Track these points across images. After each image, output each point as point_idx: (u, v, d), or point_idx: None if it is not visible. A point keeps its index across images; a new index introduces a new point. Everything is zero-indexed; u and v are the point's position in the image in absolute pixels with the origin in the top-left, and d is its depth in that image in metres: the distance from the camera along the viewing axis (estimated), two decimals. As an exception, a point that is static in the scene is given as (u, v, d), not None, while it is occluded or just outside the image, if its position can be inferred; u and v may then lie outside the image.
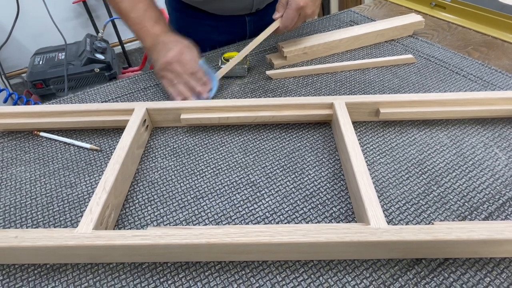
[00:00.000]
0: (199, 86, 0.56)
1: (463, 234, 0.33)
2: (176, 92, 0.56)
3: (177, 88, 0.56)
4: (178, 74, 0.56)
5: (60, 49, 1.53)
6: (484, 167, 0.45)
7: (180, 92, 0.56)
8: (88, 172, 0.47)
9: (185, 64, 0.56)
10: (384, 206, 0.41)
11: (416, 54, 0.68)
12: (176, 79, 0.56)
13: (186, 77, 0.56)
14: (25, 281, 0.36)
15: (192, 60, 0.57)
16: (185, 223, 0.40)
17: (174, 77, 0.56)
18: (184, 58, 0.56)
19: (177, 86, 0.56)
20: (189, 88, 0.56)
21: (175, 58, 0.55)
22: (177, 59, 0.55)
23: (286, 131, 0.52)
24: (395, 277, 0.34)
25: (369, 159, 0.47)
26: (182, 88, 0.56)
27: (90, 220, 0.36)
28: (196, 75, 0.56)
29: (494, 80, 0.59)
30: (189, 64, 0.56)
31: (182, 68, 0.56)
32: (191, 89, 0.56)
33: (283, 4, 0.58)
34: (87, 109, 0.52)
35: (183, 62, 0.56)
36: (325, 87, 0.61)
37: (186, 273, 0.36)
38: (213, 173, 0.46)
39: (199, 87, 0.56)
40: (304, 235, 0.33)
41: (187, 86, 0.56)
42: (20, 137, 0.54)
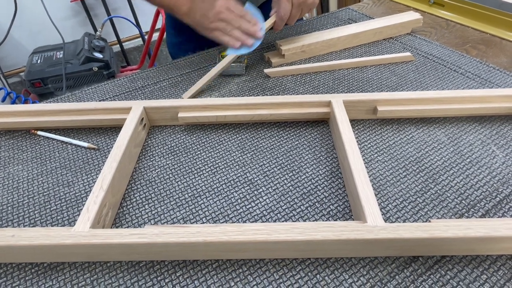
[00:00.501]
0: (251, 27, 0.58)
1: (459, 231, 0.33)
2: (233, 39, 0.57)
3: (233, 35, 0.57)
4: (230, 20, 0.57)
5: (58, 48, 1.53)
6: (481, 165, 0.45)
7: (237, 38, 0.57)
8: (86, 171, 0.47)
9: (234, 10, 0.57)
10: (382, 204, 0.41)
11: (414, 52, 0.68)
12: (229, 26, 0.57)
13: (238, 21, 0.57)
14: (22, 280, 0.36)
15: (238, 5, 0.58)
16: (182, 221, 0.40)
17: (227, 24, 0.57)
18: (231, 4, 0.57)
19: (232, 33, 0.57)
20: (243, 31, 0.58)
21: (223, 6, 0.56)
22: (226, 7, 0.57)
23: (284, 129, 0.52)
24: (392, 274, 0.34)
25: (366, 157, 0.47)
26: (237, 33, 0.57)
27: (87, 218, 0.36)
28: (246, 17, 0.58)
29: (492, 78, 0.59)
30: (237, 9, 0.58)
31: (232, 13, 0.57)
32: (245, 31, 0.58)
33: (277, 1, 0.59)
34: (84, 107, 0.52)
35: (232, 8, 0.57)
36: (323, 85, 0.61)
37: (183, 272, 0.36)
38: (211, 172, 0.46)
39: (252, 28, 0.58)
40: (301, 233, 0.33)
41: (240, 29, 0.57)
42: (17, 136, 0.54)
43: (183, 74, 0.66)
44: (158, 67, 0.69)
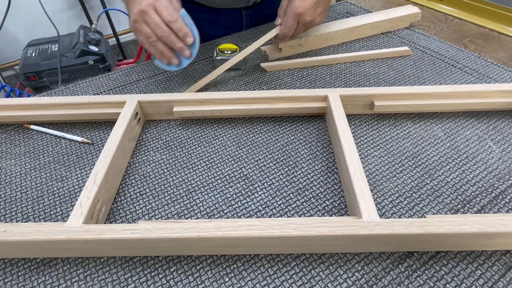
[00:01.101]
0: (179, 42, 0.49)
1: (454, 227, 0.33)
2: (157, 53, 0.50)
3: (157, 47, 0.49)
4: (154, 26, 0.48)
5: (53, 41, 1.51)
6: (477, 160, 0.45)
7: (161, 52, 0.49)
8: (79, 166, 0.47)
9: (162, 12, 0.48)
10: (377, 200, 0.41)
11: (412, 46, 0.67)
12: (152, 34, 0.48)
13: (164, 27, 0.48)
14: (15, 275, 0.35)
15: (170, 7, 0.48)
16: (177, 216, 0.40)
17: (151, 31, 0.48)
18: (160, 4, 0.48)
19: (155, 45, 0.49)
20: (168, 43, 0.49)
21: (150, 5, 0.47)
22: (153, 6, 0.47)
23: (280, 124, 0.52)
24: (387, 270, 0.34)
25: (362, 152, 0.46)
26: (161, 46, 0.49)
27: (80, 214, 0.35)
28: (173, 25, 0.48)
29: (490, 73, 0.59)
30: (166, 11, 0.48)
31: (158, 17, 0.48)
32: (170, 45, 0.49)
33: (283, 10, 0.56)
34: (78, 101, 0.51)
35: (160, 10, 0.48)
36: (320, 80, 0.60)
37: (177, 267, 0.35)
38: (206, 167, 0.46)
39: (178, 43, 0.49)
40: (295, 228, 0.33)
41: (166, 42, 0.49)
42: (10, 130, 0.53)
43: (179, 68, 0.65)
44: (154, 61, 0.68)
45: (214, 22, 0.76)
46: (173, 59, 0.50)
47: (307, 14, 0.54)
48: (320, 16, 0.57)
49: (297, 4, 0.53)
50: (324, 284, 0.33)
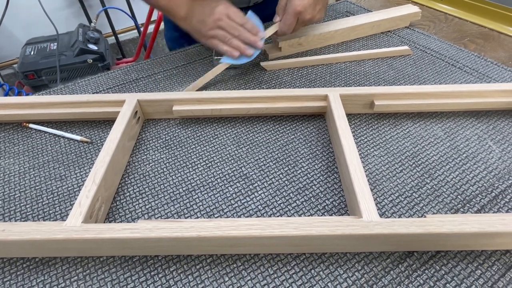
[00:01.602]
0: (252, 36, 0.55)
1: (454, 227, 0.32)
2: (231, 49, 0.54)
3: (232, 44, 0.54)
4: (230, 29, 0.54)
5: (52, 39, 1.50)
6: (477, 160, 0.44)
7: (236, 47, 0.54)
8: (79, 165, 0.47)
9: (235, 18, 0.54)
10: (377, 199, 0.40)
11: (412, 45, 0.67)
12: (229, 34, 0.54)
13: (238, 29, 0.54)
14: (14, 275, 0.35)
15: (239, 12, 0.55)
16: (176, 216, 0.40)
17: (226, 33, 0.54)
18: (231, 11, 0.54)
19: (231, 42, 0.54)
20: (243, 40, 0.54)
21: (223, 13, 0.54)
22: (226, 14, 0.54)
23: (280, 123, 0.52)
24: (387, 270, 0.34)
25: (363, 152, 0.46)
26: (236, 42, 0.54)
27: (79, 213, 0.35)
28: (246, 26, 0.55)
29: (490, 72, 0.59)
30: (238, 16, 0.54)
31: (232, 21, 0.54)
32: (245, 40, 0.54)
33: (282, 7, 0.56)
34: (77, 100, 0.51)
35: (232, 16, 0.54)
36: (320, 79, 0.60)
37: (177, 266, 0.35)
38: (206, 166, 0.46)
39: (252, 37, 0.54)
40: (295, 228, 0.33)
41: (240, 38, 0.54)
42: (8, 128, 0.53)
43: (179, 67, 0.65)
44: (153, 59, 0.68)
45: None
46: (249, 50, 0.55)
47: (307, 12, 0.54)
48: (319, 13, 0.57)
49: (297, 2, 0.53)
50: (324, 283, 0.33)
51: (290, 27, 0.56)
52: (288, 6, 0.55)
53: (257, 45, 0.55)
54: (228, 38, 0.54)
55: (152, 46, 1.65)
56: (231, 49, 0.54)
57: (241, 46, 0.54)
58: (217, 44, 0.55)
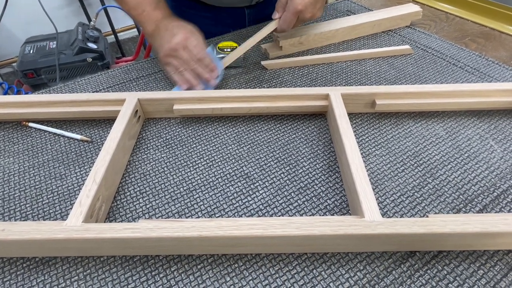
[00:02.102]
0: (206, 73, 0.54)
1: (457, 227, 0.32)
2: (182, 80, 0.54)
3: (184, 76, 0.54)
4: (185, 61, 0.53)
5: (51, 38, 1.50)
6: (479, 160, 0.44)
7: (186, 80, 0.54)
8: (79, 164, 0.46)
9: (192, 50, 0.53)
10: (379, 199, 0.40)
11: (413, 45, 0.67)
12: (182, 66, 0.53)
13: (193, 63, 0.53)
14: (13, 274, 0.35)
15: (199, 45, 0.54)
16: (177, 215, 0.40)
17: (180, 64, 0.53)
18: (190, 43, 0.53)
19: (183, 74, 0.54)
20: (196, 75, 0.54)
21: (180, 44, 0.52)
22: (182, 45, 0.52)
23: (281, 123, 0.51)
24: (389, 270, 0.34)
25: (364, 151, 0.46)
26: (188, 75, 0.53)
27: (79, 212, 0.35)
28: (203, 62, 0.54)
29: (491, 72, 0.59)
30: (195, 49, 0.53)
31: (189, 54, 0.53)
32: (198, 76, 0.54)
33: (282, 5, 0.56)
34: (77, 99, 0.50)
35: (189, 48, 0.53)
36: (321, 78, 0.60)
37: (178, 266, 0.35)
38: (207, 165, 0.46)
39: (206, 74, 0.54)
40: (297, 228, 0.33)
41: (193, 73, 0.54)
42: (8, 127, 0.53)
43: (179, 66, 0.65)
44: (153, 58, 0.67)
45: (216, 20, 0.76)
46: (199, 86, 0.54)
47: (307, 11, 0.54)
48: (319, 11, 0.57)
49: (298, 1, 0.53)
50: (326, 283, 0.33)
51: (289, 25, 0.56)
52: (289, 4, 0.54)
53: (210, 84, 0.54)
54: (181, 69, 0.53)
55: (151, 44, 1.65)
56: (182, 80, 0.54)
57: (192, 80, 0.53)
58: (169, 72, 0.55)
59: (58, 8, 1.87)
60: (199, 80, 0.54)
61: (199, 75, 0.54)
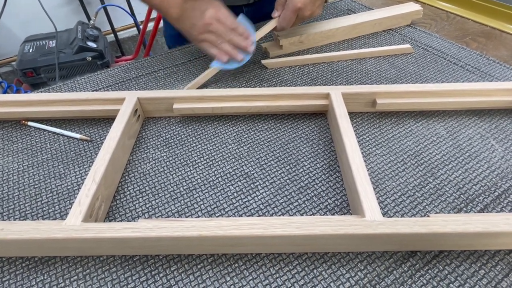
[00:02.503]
0: (243, 41, 0.54)
1: (458, 226, 0.32)
2: (221, 53, 0.54)
3: (222, 48, 0.54)
4: (221, 33, 0.53)
5: (51, 37, 1.49)
6: (480, 159, 0.44)
7: (226, 52, 0.54)
8: (78, 163, 0.46)
9: (225, 22, 0.54)
10: (380, 198, 0.40)
11: (413, 44, 0.67)
12: (219, 38, 0.54)
13: (229, 34, 0.54)
14: (13, 274, 0.35)
15: (230, 16, 0.54)
16: (177, 215, 0.40)
17: (217, 37, 0.54)
18: (222, 15, 0.54)
19: (221, 46, 0.54)
20: (233, 44, 0.54)
21: (213, 17, 0.53)
22: (216, 18, 0.53)
23: (281, 122, 0.51)
24: (390, 269, 0.34)
25: (365, 151, 0.46)
26: (226, 47, 0.54)
27: (79, 212, 0.35)
28: (237, 30, 0.54)
29: (492, 71, 0.59)
30: (228, 20, 0.54)
31: (223, 26, 0.53)
32: (236, 45, 0.54)
33: (281, 3, 0.56)
34: (76, 98, 0.50)
35: (222, 20, 0.53)
36: (321, 77, 0.60)
37: (178, 266, 0.35)
38: (207, 164, 0.45)
39: (243, 42, 0.54)
40: (298, 227, 0.33)
41: (231, 44, 0.54)
42: (7, 126, 0.52)
43: (179, 65, 0.65)
44: (153, 57, 0.67)
45: None
46: (239, 55, 0.54)
47: (307, 9, 0.54)
48: (318, 9, 0.57)
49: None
50: (326, 283, 0.33)
51: (289, 23, 0.56)
52: (288, 2, 0.54)
53: (248, 50, 0.54)
54: (218, 42, 0.54)
55: (151, 43, 1.64)
56: (221, 53, 0.54)
57: (231, 51, 0.54)
58: (207, 48, 0.55)
59: (57, 6, 1.87)
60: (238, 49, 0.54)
61: (237, 44, 0.54)
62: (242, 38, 0.54)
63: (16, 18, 1.78)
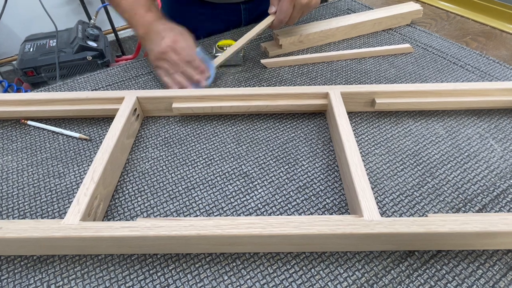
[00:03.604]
0: (196, 75, 0.54)
1: (456, 226, 0.32)
2: (172, 82, 0.55)
3: (174, 78, 0.55)
4: (174, 63, 0.54)
5: (51, 36, 1.49)
6: (479, 159, 0.44)
7: (177, 82, 0.54)
8: (77, 162, 0.46)
9: (181, 53, 0.54)
10: (378, 198, 0.40)
11: (413, 43, 0.67)
12: (172, 68, 0.54)
13: (183, 65, 0.54)
14: (11, 272, 0.35)
15: (188, 47, 0.55)
16: (176, 214, 0.40)
17: (170, 66, 0.54)
18: (179, 46, 0.54)
19: (173, 76, 0.54)
20: (187, 77, 0.54)
21: (169, 47, 0.53)
22: (172, 48, 0.54)
23: (280, 121, 0.51)
24: (388, 269, 0.34)
25: (363, 150, 0.46)
26: (179, 77, 0.54)
27: (77, 211, 0.35)
28: (193, 64, 0.54)
29: (492, 71, 0.59)
30: (184, 52, 0.54)
31: (178, 56, 0.54)
32: (189, 77, 0.54)
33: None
34: (76, 97, 0.50)
35: (178, 51, 0.54)
36: (321, 77, 0.60)
37: (176, 265, 0.35)
38: (205, 164, 0.45)
39: (196, 76, 0.54)
40: (296, 227, 0.33)
41: (184, 75, 0.54)
42: (7, 125, 0.53)
43: (178, 64, 0.64)
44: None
45: (212, 17, 0.76)
46: (190, 87, 0.54)
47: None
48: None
49: None
50: (324, 282, 0.33)
51: (287, 14, 0.55)
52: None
53: (201, 85, 0.55)
54: (171, 71, 0.54)
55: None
56: (173, 82, 0.55)
57: (183, 81, 0.54)
58: (160, 74, 0.56)
59: (58, 6, 1.87)
60: (190, 82, 0.55)
61: (190, 77, 0.54)
62: (197, 71, 0.55)
63: (16, 17, 1.79)
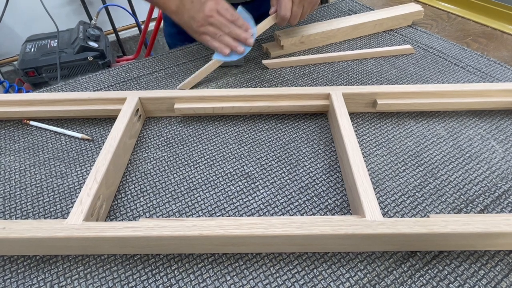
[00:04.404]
0: (243, 33, 0.54)
1: (458, 227, 0.32)
2: (222, 46, 0.54)
3: (223, 41, 0.54)
4: (222, 25, 0.53)
5: (52, 36, 1.49)
6: (480, 160, 0.44)
7: (227, 44, 0.54)
8: (79, 162, 0.46)
9: (225, 14, 0.54)
10: (380, 199, 0.40)
11: (414, 44, 0.67)
12: (219, 31, 0.54)
13: (229, 26, 0.54)
14: (14, 272, 0.35)
15: (229, 8, 0.54)
16: (178, 214, 0.40)
17: (217, 29, 0.54)
18: (222, 7, 0.54)
19: (222, 39, 0.54)
20: (234, 36, 0.54)
21: (213, 10, 0.53)
22: (216, 10, 0.53)
23: (282, 122, 0.51)
24: (390, 269, 0.34)
25: (365, 151, 0.46)
26: (227, 39, 0.54)
27: (80, 211, 0.35)
28: (237, 23, 0.54)
29: (493, 72, 0.59)
30: (228, 12, 0.54)
31: (223, 18, 0.53)
32: (236, 37, 0.54)
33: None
34: (78, 97, 0.50)
35: (222, 12, 0.53)
36: (322, 77, 0.60)
37: (178, 265, 0.35)
38: (207, 164, 0.46)
39: (243, 34, 0.54)
40: (298, 227, 0.33)
41: (230, 35, 0.54)
42: (9, 126, 0.53)
43: (180, 64, 0.65)
44: (154, 57, 0.67)
45: None
46: (239, 47, 0.55)
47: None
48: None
49: None
50: (326, 283, 0.33)
51: (288, 10, 0.55)
52: None
53: (248, 42, 0.55)
54: (218, 35, 0.54)
55: (153, 43, 1.65)
56: (222, 46, 0.54)
57: (232, 43, 0.54)
58: (207, 41, 0.55)
59: (59, 6, 1.87)
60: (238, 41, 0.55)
61: (237, 36, 0.54)
62: (242, 30, 0.55)
63: (17, 17, 1.79)
